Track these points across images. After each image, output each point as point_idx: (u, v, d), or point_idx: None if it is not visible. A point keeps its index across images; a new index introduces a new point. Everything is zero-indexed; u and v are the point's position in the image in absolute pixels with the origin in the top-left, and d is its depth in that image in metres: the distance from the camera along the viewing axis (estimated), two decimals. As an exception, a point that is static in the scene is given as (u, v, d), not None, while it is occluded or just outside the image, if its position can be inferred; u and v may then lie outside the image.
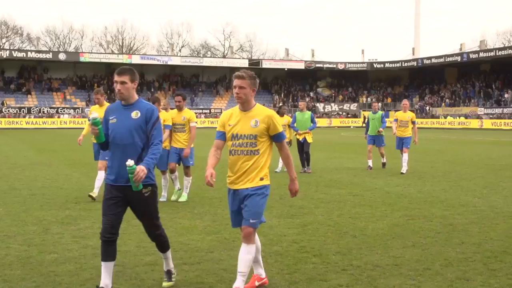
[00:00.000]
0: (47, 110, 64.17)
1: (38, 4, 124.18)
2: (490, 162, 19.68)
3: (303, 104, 17.25)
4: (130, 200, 5.41)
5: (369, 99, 78.96)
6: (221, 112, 71.22)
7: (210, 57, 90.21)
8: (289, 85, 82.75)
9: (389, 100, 78.47)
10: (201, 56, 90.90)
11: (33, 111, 63.56)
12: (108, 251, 5.40)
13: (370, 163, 17.32)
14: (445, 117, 67.01)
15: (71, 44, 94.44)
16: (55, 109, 64.82)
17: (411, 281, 5.81)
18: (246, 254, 5.30)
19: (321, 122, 71.40)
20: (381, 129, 17.28)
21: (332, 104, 78.38)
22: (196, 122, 11.20)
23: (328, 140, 35.85)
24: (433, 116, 69.14)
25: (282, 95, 79.40)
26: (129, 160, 5.09)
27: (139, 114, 5.39)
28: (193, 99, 74.00)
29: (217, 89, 78.13)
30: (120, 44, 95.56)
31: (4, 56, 66.89)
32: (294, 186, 5.60)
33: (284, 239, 7.72)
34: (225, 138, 5.56)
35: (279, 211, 9.83)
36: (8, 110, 62.46)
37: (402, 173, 15.83)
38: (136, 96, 5.49)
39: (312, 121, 16.62)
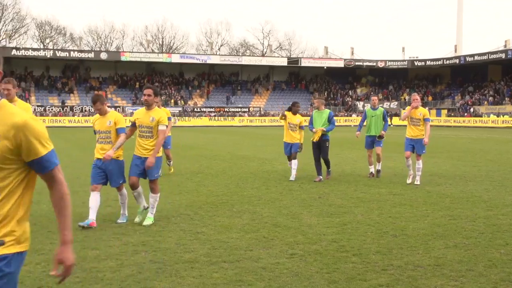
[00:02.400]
0: (89, 109, 65.31)
1: (80, 4, 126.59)
2: (535, 162, 19.17)
3: (318, 102, 14.24)
4: None
5: (411, 97, 77.97)
6: (259, 111, 71.48)
7: (249, 55, 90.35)
8: (328, 83, 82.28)
9: (429, 98, 77.33)
10: (240, 54, 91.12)
11: (75, 110, 64.80)
12: None
13: (372, 169, 14.63)
14: (488, 116, 65.61)
15: (112, 43, 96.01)
16: (97, 108, 65.83)
17: (454, 282, 5.71)
18: None
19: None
20: (383, 132, 14.51)
21: (372, 103, 77.49)
22: (166, 126, 8.76)
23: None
24: (475, 115, 67.78)
25: (325, 93, 78.97)
26: None
27: None
28: (229, 98, 74.19)
29: (256, 88, 78.24)
30: (160, 43, 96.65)
31: (48, 56, 68.39)
32: (64, 254, 3.11)
33: (324, 238, 7.67)
34: None
35: (318, 210, 9.79)
36: (52, 109, 63.81)
37: (415, 184, 13.16)
38: None
39: (330, 121, 13.85)
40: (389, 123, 14.55)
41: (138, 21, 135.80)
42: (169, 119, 14.39)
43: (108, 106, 9.59)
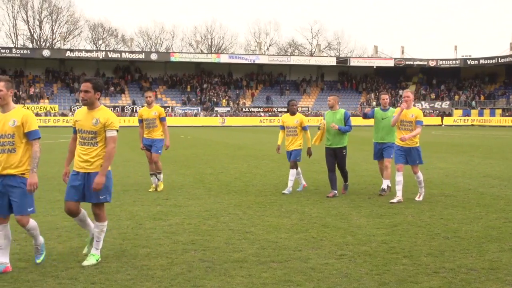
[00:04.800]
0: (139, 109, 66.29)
1: (132, 6, 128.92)
2: None
3: (335, 100, 11.63)
4: None
5: (462, 97, 76.37)
6: (308, 111, 71.27)
7: (298, 55, 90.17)
8: (378, 83, 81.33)
9: (482, 98, 75.51)
10: (289, 54, 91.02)
11: (126, 110, 66.00)
12: None
13: (387, 183, 11.87)
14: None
15: (162, 44, 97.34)
16: (147, 108, 66.88)
17: (509, 287, 5.55)
18: None
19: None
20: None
21: (423, 102, 76.29)
22: (117, 130, 6.46)
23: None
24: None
25: (376, 93, 78.07)
26: None
27: None
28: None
29: (304, 88, 78.01)
30: (209, 43, 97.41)
31: (100, 57, 69.89)
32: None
33: (373, 239, 7.58)
34: None
35: (368, 211, 9.68)
36: (103, 109, 65.08)
37: (416, 199, 10.90)
38: None
39: (346, 122, 11.41)
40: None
41: (188, 22, 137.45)
42: (163, 119, 12.31)
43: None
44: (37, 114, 60.88)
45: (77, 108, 64.41)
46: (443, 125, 67.73)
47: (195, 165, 17.53)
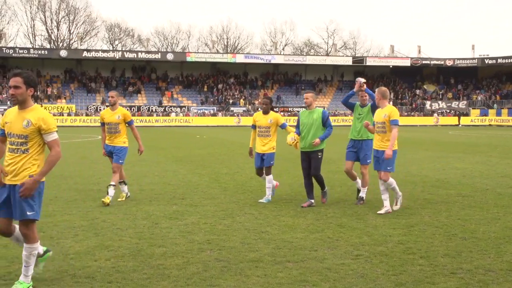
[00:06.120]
0: (155, 109, 66.71)
1: (148, 6, 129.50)
2: None
3: (312, 97, 10.45)
4: None
5: (479, 97, 75.72)
6: (324, 110, 71.02)
7: (313, 55, 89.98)
8: (394, 83, 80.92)
9: (497, 98, 74.80)
10: (304, 54, 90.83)
11: (142, 110, 66.33)
12: None
13: (359, 184, 10.82)
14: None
15: (178, 44, 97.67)
16: (163, 108, 67.25)
17: (527, 288, 5.49)
18: None
19: (428, 120, 69.46)
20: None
21: (440, 102, 75.78)
22: (56, 133, 5.52)
23: (435, 139, 34.73)
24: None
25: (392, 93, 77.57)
26: None
27: None
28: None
29: (321, 88, 77.83)
30: (225, 43, 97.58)
31: (117, 57, 70.24)
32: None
33: (390, 239, 7.54)
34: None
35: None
36: (120, 109, 65.52)
37: (378, 213, 9.44)
38: None
39: (325, 124, 10.23)
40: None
41: (204, 22, 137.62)
42: (130, 123, 11.08)
43: (174, 106, 8.23)
44: (60, 114, 61.44)
45: (100, 108, 65.33)
46: (460, 125, 67.23)
47: (210, 165, 17.56)
